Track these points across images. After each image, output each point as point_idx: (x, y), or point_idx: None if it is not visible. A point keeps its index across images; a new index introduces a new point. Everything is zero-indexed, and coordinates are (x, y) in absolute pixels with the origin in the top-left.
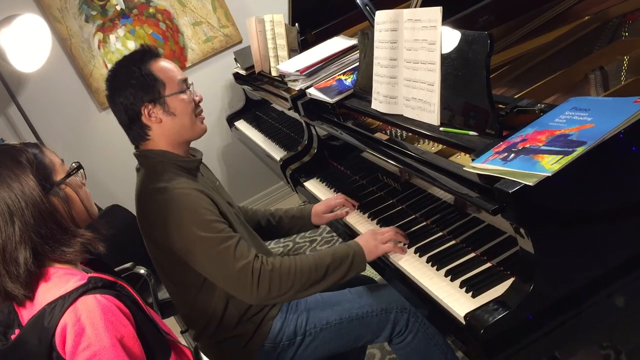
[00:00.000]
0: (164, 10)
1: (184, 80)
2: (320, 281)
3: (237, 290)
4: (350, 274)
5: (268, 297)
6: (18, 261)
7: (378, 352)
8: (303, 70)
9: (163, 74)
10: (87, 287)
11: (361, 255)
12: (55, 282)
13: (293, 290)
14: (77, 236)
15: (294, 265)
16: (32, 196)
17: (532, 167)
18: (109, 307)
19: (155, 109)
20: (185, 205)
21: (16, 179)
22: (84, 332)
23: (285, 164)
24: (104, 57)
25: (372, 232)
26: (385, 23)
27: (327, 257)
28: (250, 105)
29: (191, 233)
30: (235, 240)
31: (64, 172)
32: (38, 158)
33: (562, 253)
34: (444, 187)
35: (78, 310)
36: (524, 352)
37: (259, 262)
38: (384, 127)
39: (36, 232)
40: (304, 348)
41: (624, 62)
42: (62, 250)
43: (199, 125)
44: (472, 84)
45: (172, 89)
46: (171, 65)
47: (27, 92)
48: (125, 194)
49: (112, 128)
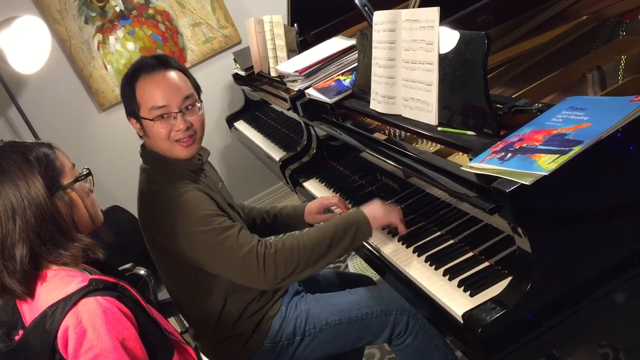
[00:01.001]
0: (163, 11)
1: (160, 107)
2: (326, 254)
3: (245, 277)
4: (357, 242)
5: (276, 279)
6: (15, 258)
7: (378, 352)
8: (302, 71)
9: (142, 95)
10: (88, 289)
11: (365, 221)
12: (57, 284)
13: (300, 268)
14: (76, 241)
15: (297, 243)
16: (36, 197)
17: (529, 166)
18: (111, 309)
19: (136, 125)
20: (184, 205)
21: (23, 177)
22: (85, 334)
23: (284, 165)
24: (104, 58)
25: (380, 202)
26: (383, 23)
27: (329, 229)
28: (249, 105)
29: (192, 230)
30: (236, 228)
31: (73, 176)
32: (49, 158)
33: (559, 252)
34: (442, 187)
35: (79, 312)
36: (521, 351)
37: (263, 246)
38: (382, 127)
39: (35, 233)
40: (303, 348)
41: (622, 61)
42: (59, 253)
43: (179, 149)
44: (469, 83)
45: (144, 113)
46: (157, 89)
47: (27, 93)
48: (125, 195)
49: (112, 129)
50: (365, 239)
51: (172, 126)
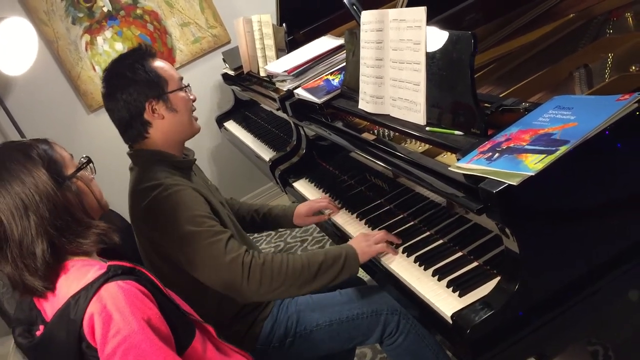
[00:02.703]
0: (151, 11)
1: (181, 79)
2: (312, 280)
3: (227, 285)
4: (343, 276)
5: (259, 291)
6: (36, 254)
7: (369, 352)
8: (291, 71)
9: (164, 72)
10: (107, 275)
11: (354, 256)
12: (75, 275)
13: (284, 287)
14: (92, 227)
15: (286, 262)
16: (45, 190)
17: (516, 166)
18: (132, 291)
19: (159, 105)
20: (177, 201)
21: (29, 173)
22: (111, 319)
23: (274, 165)
24: (92, 59)
25: (364, 234)
26: (371, 23)
27: (319, 256)
28: (239, 105)
29: (182, 228)
30: (226, 235)
31: (74, 166)
32: (48, 153)
33: (546, 252)
34: (430, 187)
35: (102, 298)
36: (511, 351)
37: (250, 255)
38: (371, 127)
39: (52, 225)
40: (294, 349)
41: (609, 59)
42: (79, 242)
43: (195, 123)
44: (457, 83)
45: (173, 86)
46: (169, 65)
47: (14, 95)
48: (115, 197)
49: (101, 131)
50: (352, 274)
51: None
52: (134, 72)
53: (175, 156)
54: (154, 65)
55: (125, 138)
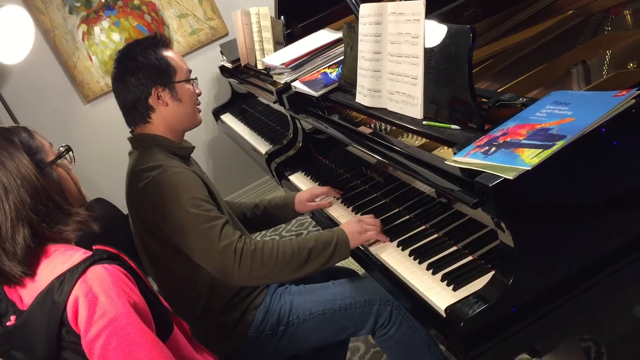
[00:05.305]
0: (149, 2)
1: (189, 72)
2: (303, 266)
3: (219, 268)
4: (334, 261)
5: (250, 276)
6: (16, 239)
7: (362, 345)
8: (288, 64)
9: (174, 61)
10: (93, 258)
11: (345, 241)
12: (60, 259)
13: (275, 272)
14: (73, 215)
15: (277, 247)
16: (27, 174)
17: (512, 161)
18: (119, 274)
19: (164, 93)
20: (177, 183)
21: (10, 157)
22: (97, 301)
23: (270, 158)
24: (88, 49)
25: (357, 219)
26: (369, 16)
27: (310, 241)
28: (236, 98)
29: (180, 208)
30: (222, 221)
31: (54, 154)
32: (29, 140)
33: (541, 247)
34: (427, 181)
35: (88, 280)
36: (503, 345)
37: (242, 242)
38: (368, 120)
39: (33, 210)
40: (287, 338)
41: (607, 56)
42: (59, 229)
43: (198, 116)
44: (455, 77)
45: (181, 77)
46: (180, 57)
47: (10, 84)
48: (110, 187)
49: (97, 121)
50: (342, 258)
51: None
52: (145, 57)
53: (175, 142)
54: (166, 54)
55: (127, 119)
